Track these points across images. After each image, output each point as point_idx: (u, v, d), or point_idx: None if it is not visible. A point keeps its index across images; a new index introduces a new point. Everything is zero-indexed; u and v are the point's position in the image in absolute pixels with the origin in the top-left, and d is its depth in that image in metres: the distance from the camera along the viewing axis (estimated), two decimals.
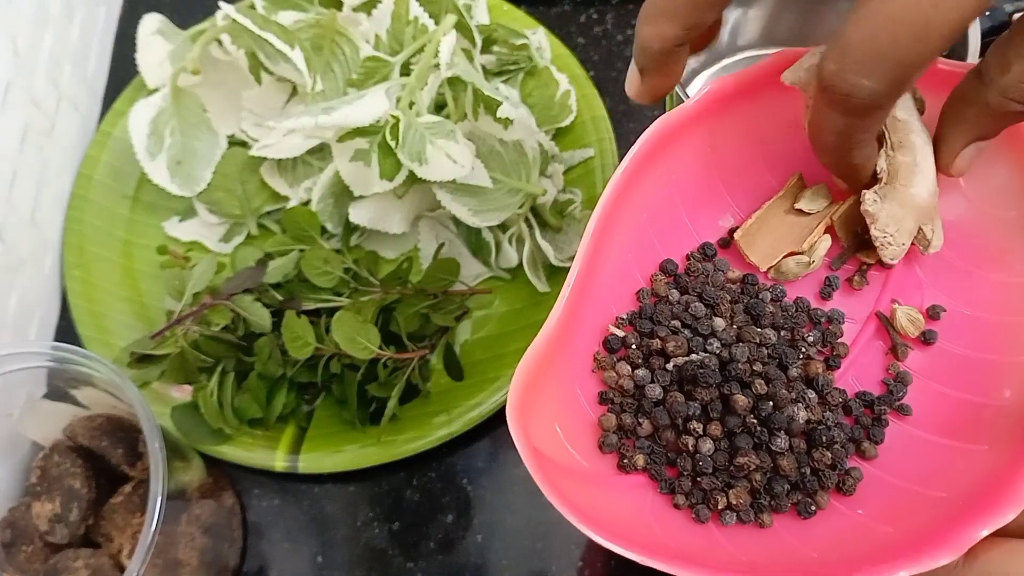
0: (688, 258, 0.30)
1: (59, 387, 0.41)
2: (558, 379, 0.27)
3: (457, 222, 0.46)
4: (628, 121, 0.52)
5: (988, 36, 0.35)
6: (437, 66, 0.43)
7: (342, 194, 0.46)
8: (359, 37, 0.47)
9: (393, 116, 0.42)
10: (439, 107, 0.47)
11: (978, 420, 0.26)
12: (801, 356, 0.29)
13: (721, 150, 0.30)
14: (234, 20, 0.44)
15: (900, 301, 0.29)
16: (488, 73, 0.50)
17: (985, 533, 0.22)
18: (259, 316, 0.42)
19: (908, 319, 0.29)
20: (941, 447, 0.27)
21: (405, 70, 0.46)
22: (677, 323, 0.29)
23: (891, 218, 0.26)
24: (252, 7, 0.47)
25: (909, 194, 0.26)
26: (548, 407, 0.27)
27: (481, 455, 0.44)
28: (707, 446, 0.27)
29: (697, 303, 0.29)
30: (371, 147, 0.43)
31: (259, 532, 0.44)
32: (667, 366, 0.28)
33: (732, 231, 0.30)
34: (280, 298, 0.44)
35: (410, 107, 0.43)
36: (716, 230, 0.31)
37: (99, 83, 0.56)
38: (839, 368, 0.29)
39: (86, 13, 0.55)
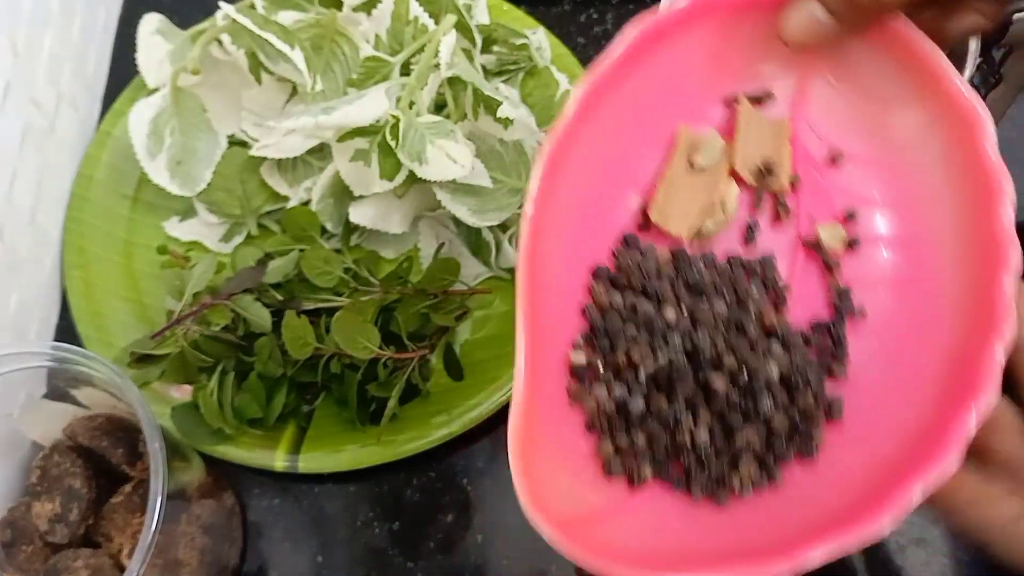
0: (615, 255, 0.30)
1: (59, 387, 0.41)
2: (545, 431, 0.27)
3: (457, 222, 0.46)
4: None
5: (988, 36, 0.35)
6: (437, 66, 0.43)
7: (342, 194, 0.46)
8: (359, 37, 0.47)
9: (393, 116, 0.42)
10: (439, 107, 0.47)
11: (926, 300, 0.27)
12: (753, 313, 0.29)
13: (600, 136, 0.29)
14: (234, 20, 0.44)
15: (817, 219, 0.30)
16: (488, 73, 0.50)
17: (974, 417, 0.22)
18: (259, 316, 0.42)
19: (830, 236, 0.29)
20: (903, 339, 0.27)
21: (405, 70, 0.46)
22: (632, 328, 0.28)
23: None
24: (252, 7, 0.47)
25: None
26: (548, 464, 0.26)
27: (481, 455, 0.44)
28: (703, 436, 0.27)
29: (642, 300, 0.29)
30: (371, 147, 0.43)
31: (259, 532, 0.44)
32: (639, 377, 0.28)
33: (644, 211, 0.30)
34: (280, 298, 0.44)
35: (410, 107, 0.43)
36: (628, 212, 0.31)
37: (99, 83, 0.56)
38: (786, 305, 0.29)
39: (86, 13, 0.55)
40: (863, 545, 0.22)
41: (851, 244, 0.29)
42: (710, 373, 0.27)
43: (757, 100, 0.30)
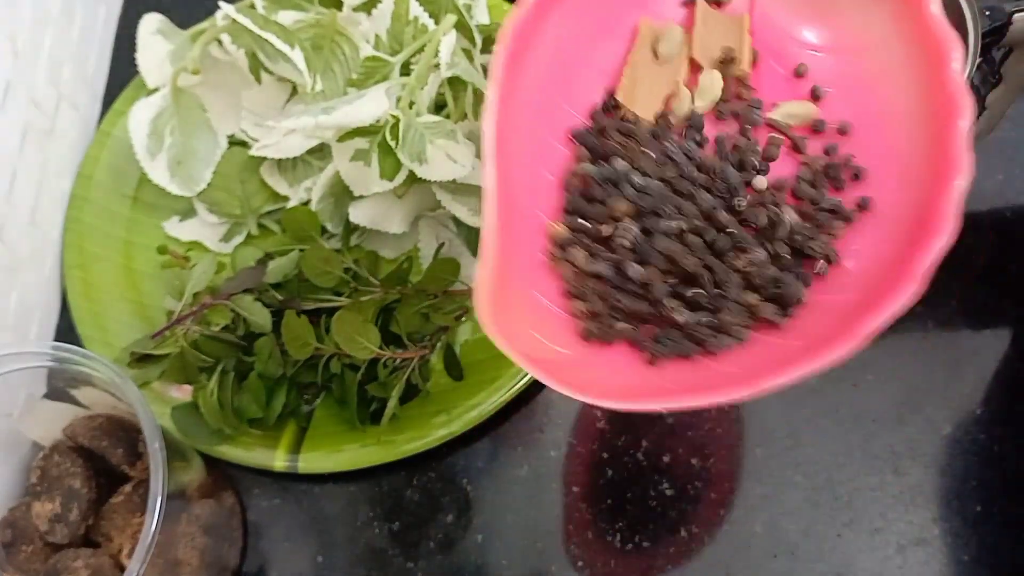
0: (592, 118, 0.30)
1: (59, 387, 0.41)
2: (518, 293, 0.27)
3: (457, 222, 0.46)
4: None
5: (988, 36, 0.35)
6: (437, 66, 0.43)
7: (342, 194, 0.46)
8: (359, 37, 0.47)
9: (393, 116, 0.42)
10: (439, 107, 0.47)
11: (890, 160, 0.28)
12: (732, 178, 0.29)
13: (563, 29, 0.30)
14: (234, 20, 0.44)
15: (777, 101, 0.31)
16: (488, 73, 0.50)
17: (933, 253, 0.24)
18: (259, 316, 0.42)
19: (794, 112, 0.30)
20: (872, 194, 0.28)
21: (405, 70, 0.46)
22: (611, 190, 0.28)
23: None
24: (252, 7, 0.47)
25: None
26: (518, 321, 0.27)
27: (481, 455, 0.44)
28: (684, 313, 0.27)
29: (619, 162, 0.29)
30: (371, 147, 0.43)
31: (259, 532, 0.44)
32: (619, 241, 0.28)
33: (611, 95, 0.31)
34: (280, 298, 0.44)
35: (410, 107, 0.43)
36: (595, 96, 0.31)
37: (99, 83, 0.56)
38: (766, 172, 0.30)
39: (86, 13, 0.55)
40: (824, 369, 0.23)
41: (815, 126, 0.30)
42: (690, 237, 0.28)
43: (716, 2, 0.32)
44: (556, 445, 0.44)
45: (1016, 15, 0.35)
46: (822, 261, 0.28)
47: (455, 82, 0.44)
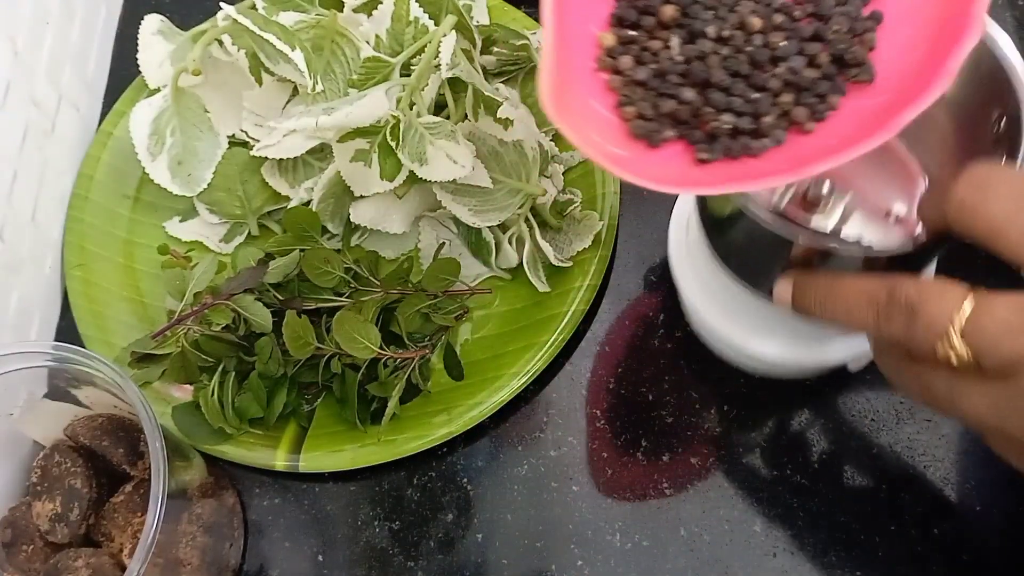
0: None
1: (60, 387, 0.41)
2: (575, 99, 0.28)
3: (457, 222, 0.47)
4: None
5: None
6: (437, 67, 0.43)
7: (343, 194, 0.46)
8: (359, 38, 0.47)
9: (393, 116, 0.42)
10: (439, 107, 0.47)
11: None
12: None
13: None
14: (235, 21, 0.45)
15: None
16: (488, 74, 0.50)
17: (962, 52, 0.25)
18: (260, 316, 0.43)
19: None
20: (898, 19, 0.29)
21: (405, 71, 0.46)
22: (668, 8, 0.29)
23: None
24: (253, 8, 0.47)
25: None
26: (579, 124, 0.27)
27: (481, 455, 0.45)
28: (730, 107, 0.28)
29: None
30: (372, 147, 0.43)
31: (260, 531, 0.44)
32: (668, 49, 0.28)
33: None
34: (281, 298, 0.44)
35: (410, 107, 0.43)
36: None
37: (99, 83, 0.56)
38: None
39: (86, 13, 0.55)
40: (864, 151, 0.25)
41: None
42: (731, 43, 0.28)
43: None
44: (556, 445, 0.44)
45: None
46: (856, 69, 0.28)
47: (455, 83, 0.44)
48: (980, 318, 0.25)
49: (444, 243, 0.48)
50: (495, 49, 0.50)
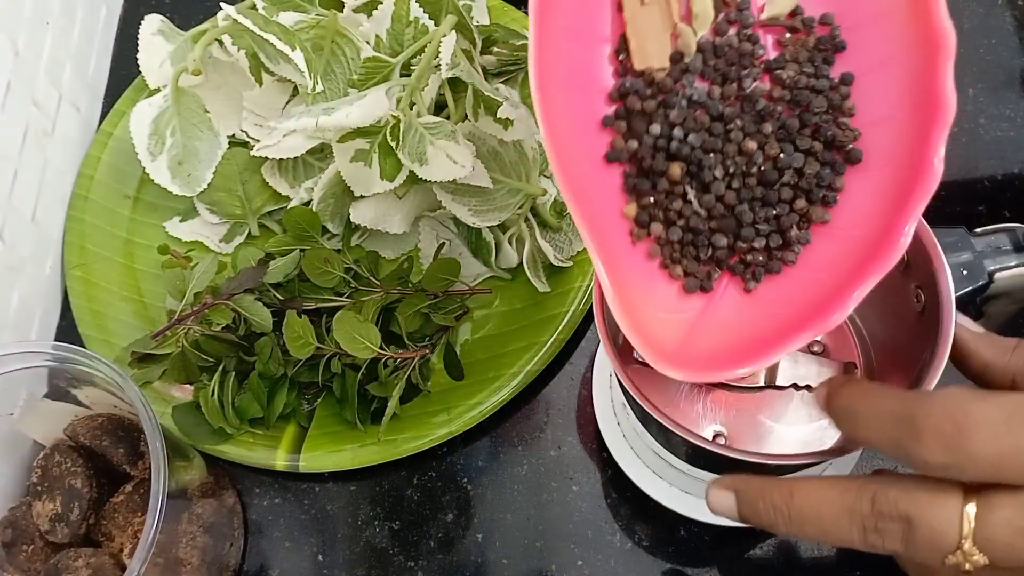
0: (618, 91, 0.30)
1: (60, 386, 0.41)
2: (628, 280, 0.28)
3: (457, 222, 0.47)
4: None
5: (967, 296, 0.32)
6: (437, 67, 0.43)
7: (343, 194, 0.46)
8: (359, 38, 0.47)
9: (393, 116, 0.42)
10: (439, 108, 0.47)
11: (877, 90, 0.29)
12: (756, 87, 0.29)
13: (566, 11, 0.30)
14: (235, 21, 0.45)
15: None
16: (488, 74, 0.50)
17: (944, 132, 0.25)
18: (260, 316, 0.43)
19: (775, 11, 0.30)
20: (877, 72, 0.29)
21: (405, 71, 0.46)
22: (662, 150, 0.29)
23: None
24: (253, 8, 0.47)
25: None
26: (644, 306, 0.28)
27: (481, 454, 0.45)
28: (752, 230, 0.29)
29: (662, 118, 0.29)
30: (372, 147, 0.43)
31: (260, 531, 0.44)
32: (688, 198, 0.29)
33: (618, 59, 0.30)
34: (281, 298, 0.44)
35: (410, 108, 0.43)
36: (607, 64, 0.31)
37: (99, 83, 0.56)
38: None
39: (87, 13, 0.55)
40: (888, 269, 0.25)
41: (796, 11, 0.30)
42: (738, 176, 0.29)
43: None
44: (556, 444, 0.44)
45: (998, 274, 0.32)
46: (851, 145, 0.28)
47: (455, 83, 0.44)
48: (989, 527, 0.23)
49: (444, 243, 0.48)
50: (495, 49, 0.50)
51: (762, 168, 0.29)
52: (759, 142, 0.29)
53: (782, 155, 0.29)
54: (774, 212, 0.29)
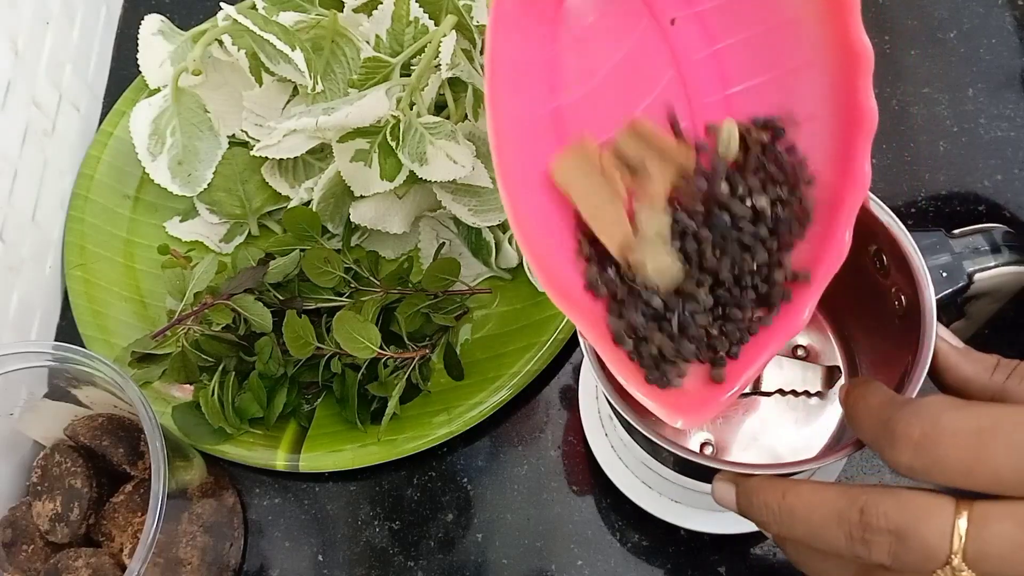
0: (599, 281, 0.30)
1: (60, 386, 0.41)
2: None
3: (457, 222, 0.47)
4: None
5: (948, 298, 0.32)
6: (437, 67, 0.43)
7: (343, 194, 0.46)
8: (359, 38, 0.47)
9: (393, 116, 0.42)
10: (439, 108, 0.47)
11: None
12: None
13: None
14: (235, 21, 0.45)
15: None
16: None
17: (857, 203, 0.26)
18: (260, 316, 0.43)
19: (727, 149, 0.29)
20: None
21: (405, 71, 0.46)
22: (656, 335, 0.29)
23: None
24: (253, 8, 0.47)
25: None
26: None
27: (481, 454, 0.45)
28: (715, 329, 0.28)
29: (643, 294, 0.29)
30: (372, 147, 0.43)
31: (260, 531, 0.44)
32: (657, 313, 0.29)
33: (586, 240, 0.30)
34: (281, 298, 0.44)
35: (410, 107, 0.43)
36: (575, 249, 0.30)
37: (99, 83, 0.56)
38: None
39: (87, 13, 0.55)
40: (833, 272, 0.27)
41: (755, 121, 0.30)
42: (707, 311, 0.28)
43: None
44: (556, 444, 0.44)
45: (978, 275, 0.32)
46: (803, 181, 0.28)
47: (455, 83, 0.44)
48: (981, 541, 0.22)
49: (444, 243, 0.48)
50: None
51: (733, 255, 0.28)
52: (720, 233, 0.28)
53: (749, 230, 0.28)
54: (746, 290, 0.28)
